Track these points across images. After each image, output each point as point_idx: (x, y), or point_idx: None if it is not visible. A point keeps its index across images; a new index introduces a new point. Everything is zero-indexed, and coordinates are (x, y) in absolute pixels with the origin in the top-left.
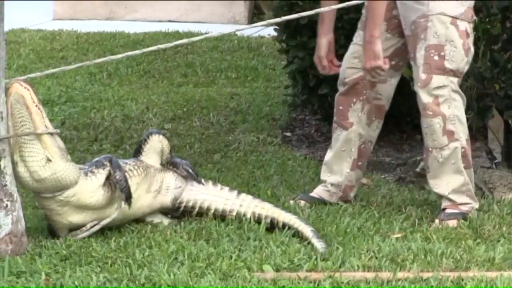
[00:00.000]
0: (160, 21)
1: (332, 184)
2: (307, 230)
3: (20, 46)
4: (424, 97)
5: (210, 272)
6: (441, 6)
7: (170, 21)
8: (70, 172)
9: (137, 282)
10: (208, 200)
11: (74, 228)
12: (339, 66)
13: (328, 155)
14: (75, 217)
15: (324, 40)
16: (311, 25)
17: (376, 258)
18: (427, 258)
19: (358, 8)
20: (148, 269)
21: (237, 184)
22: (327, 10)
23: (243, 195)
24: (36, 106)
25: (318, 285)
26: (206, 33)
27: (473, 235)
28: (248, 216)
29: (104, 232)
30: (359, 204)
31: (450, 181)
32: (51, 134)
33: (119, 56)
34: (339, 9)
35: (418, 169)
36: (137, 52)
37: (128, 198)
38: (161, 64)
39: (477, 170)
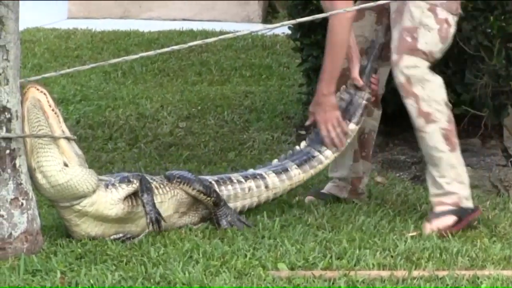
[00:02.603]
0: (174, 19)
1: (339, 179)
2: None
3: (35, 45)
4: (398, 77)
5: (225, 271)
6: None
7: (184, 19)
8: (87, 179)
9: (152, 280)
10: (234, 205)
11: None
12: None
13: None
14: (94, 230)
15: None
16: (325, 23)
17: (391, 256)
18: (442, 256)
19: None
20: (163, 268)
21: None
22: (341, 12)
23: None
24: (53, 110)
25: (333, 283)
26: (220, 32)
27: (489, 233)
28: (280, 194)
29: None
30: (374, 203)
31: (435, 165)
32: (68, 140)
33: (134, 56)
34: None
35: None
36: (151, 53)
37: (153, 222)
38: (175, 62)
39: (492, 168)
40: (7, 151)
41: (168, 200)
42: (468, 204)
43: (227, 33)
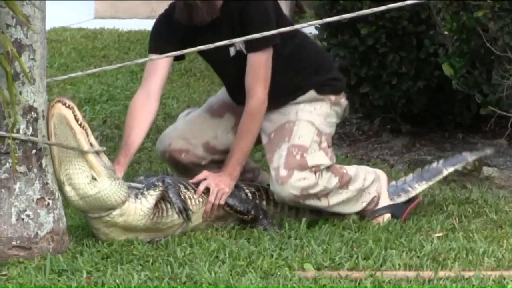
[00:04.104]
0: None
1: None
2: None
3: (62, 45)
4: (290, 192)
5: (251, 271)
6: (310, 116)
7: None
8: (116, 192)
9: (178, 280)
10: None
11: None
12: None
13: None
14: (122, 238)
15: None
16: (352, 24)
17: (418, 257)
18: (468, 257)
19: (400, 8)
20: (189, 268)
21: None
22: (370, 12)
23: None
24: (80, 124)
25: (359, 284)
26: None
27: None
28: None
29: None
30: None
31: (353, 206)
32: (97, 152)
33: (161, 56)
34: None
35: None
36: (178, 52)
37: (181, 212)
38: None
39: None
40: (34, 151)
41: (199, 210)
42: (399, 199)
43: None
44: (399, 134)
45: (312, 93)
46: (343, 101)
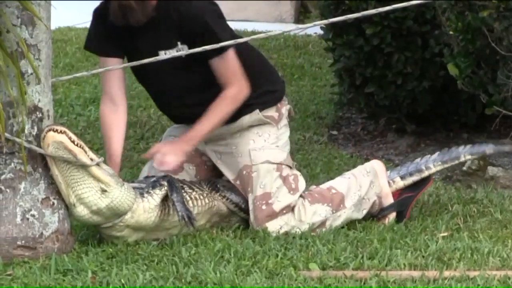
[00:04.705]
0: None
1: None
2: None
3: (67, 45)
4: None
5: (256, 271)
6: (264, 155)
7: None
8: (126, 198)
9: (183, 280)
10: None
11: None
12: None
13: None
14: (133, 237)
15: None
16: (357, 24)
17: (423, 256)
18: (473, 256)
19: (405, 8)
20: (194, 267)
21: None
22: (375, 12)
23: None
24: (77, 144)
25: (364, 283)
26: (252, 32)
27: None
28: None
29: None
30: None
31: (352, 215)
32: (98, 164)
33: (165, 56)
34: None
35: (465, 168)
36: (183, 52)
37: (185, 220)
38: None
39: None
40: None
41: (205, 212)
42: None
43: (259, 33)
44: (404, 134)
45: (257, 115)
46: (284, 109)
